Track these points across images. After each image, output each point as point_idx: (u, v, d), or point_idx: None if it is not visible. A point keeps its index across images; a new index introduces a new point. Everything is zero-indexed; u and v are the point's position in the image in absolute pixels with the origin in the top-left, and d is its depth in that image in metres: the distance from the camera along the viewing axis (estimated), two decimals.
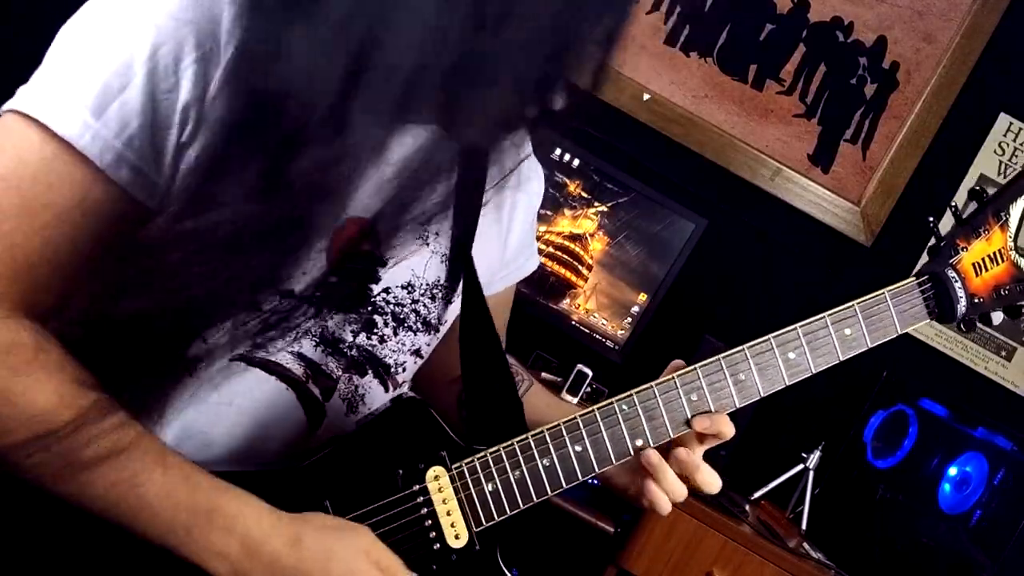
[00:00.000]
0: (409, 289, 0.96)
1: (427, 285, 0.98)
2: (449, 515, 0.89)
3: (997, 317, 0.95)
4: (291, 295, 0.89)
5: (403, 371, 0.99)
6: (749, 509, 1.99)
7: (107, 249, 0.79)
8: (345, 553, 0.82)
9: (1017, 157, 2.36)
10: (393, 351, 0.97)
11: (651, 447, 0.93)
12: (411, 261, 0.96)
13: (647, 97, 2.34)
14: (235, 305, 0.83)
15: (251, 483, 0.83)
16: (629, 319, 2.23)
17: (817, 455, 2.09)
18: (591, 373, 2.06)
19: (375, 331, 0.95)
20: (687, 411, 0.92)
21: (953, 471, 2.05)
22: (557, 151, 2.18)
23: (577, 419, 0.92)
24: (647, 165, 2.31)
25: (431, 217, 0.97)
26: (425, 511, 0.89)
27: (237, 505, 0.80)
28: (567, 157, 2.19)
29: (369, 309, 0.94)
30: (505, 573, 0.92)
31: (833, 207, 2.36)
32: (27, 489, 0.76)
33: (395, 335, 0.96)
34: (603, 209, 2.21)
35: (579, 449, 0.92)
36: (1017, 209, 0.92)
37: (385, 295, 0.95)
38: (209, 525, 0.78)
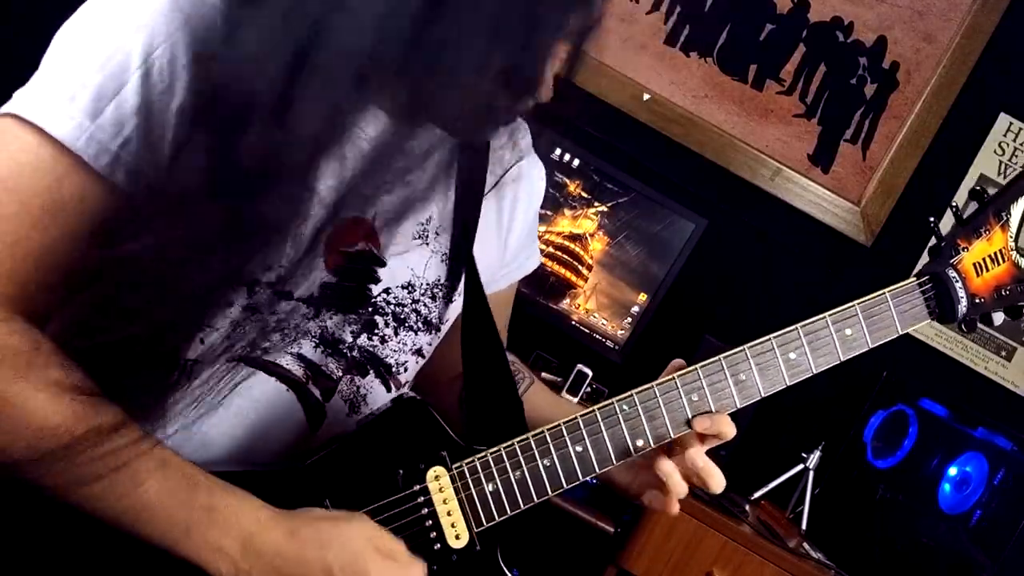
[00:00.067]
0: (409, 289, 0.96)
1: (427, 284, 0.98)
2: (449, 515, 0.89)
3: (998, 317, 0.95)
4: (289, 296, 0.89)
5: (405, 371, 0.99)
6: (749, 509, 1.99)
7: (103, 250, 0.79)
8: (344, 540, 0.81)
9: (1017, 157, 2.36)
10: (394, 351, 0.97)
11: (652, 447, 0.93)
12: (411, 261, 0.96)
13: (647, 97, 2.34)
14: (210, 304, 0.82)
15: (252, 483, 0.83)
16: (629, 319, 2.23)
17: (817, 455, 2.09)
18: (591, 373, 2.06)
19: (376, 331, 0.95)
20: (688, 411, 0.92)
21: (953, 471, 2.05)
22: (557, 151, 2.18)
23: (578, 419, 0.91)
24: (647, 165, 2.31)
25: (430, 216, 0.97)
26: (426, 511, 0.89)
27: (234, 502, 0.80)
28: (567, 157, 2.19)
29: (369, 310, 0.94)
30: (506, 573, 0.92)
31: (833, 207, 2.36)
32: (26, 490, 0.75)
33: (396, 335, 0.96)
34: (603, 209, 2.21)
35: (580, 449, 0.91)
36: (1018, 209, 0.92)
37: (385, 295, 0.95)
38: (208, 524, 0.78)
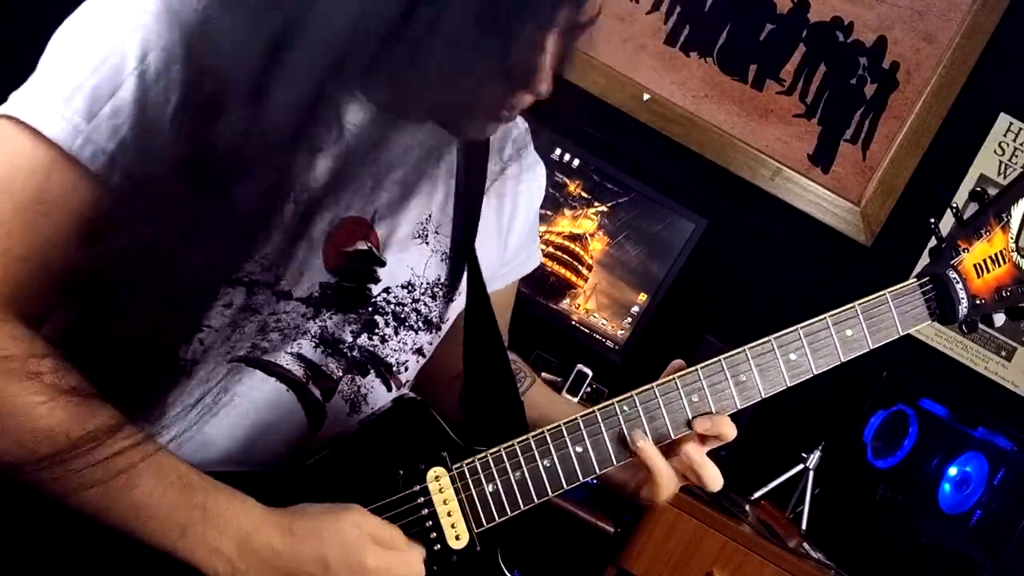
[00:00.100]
0: (409, 288, 0.96)
1: (427, 284, 0.97)
2: (450, 516, 0.89)
3: (999, 319, 0.95)
4: (288, 296, 0.89)
5: (406, 370, 0.99)
6: (749, 509, 1.99)
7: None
8: (338, 532, 0.81)
9: (1017, 157, 2.36)
10: (395, 350, 0.97)
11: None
12: (411, 260, 0.96)
13: (647, 97, 2.34)
14: (206, 304, 0.82)
15: (251, 483, 0.83)
16: (629, 319, 2.23)
17: (817, 455, 2.09)
18: (591, 373, 2.06)
19: (376, 331, 0.95)
20: (688, 412, 0.92)
21: (953, 471, 2.05)
22: (557, 151, 2.18)
23: (578, 420, 0.91)
24: (647, 165, 2.31)
25: (429, 215, 0.97)
26: (426, 512, 0.89)
27: (229, 503, 0.80)
28: (567, 157, 2.19)
29: (369, 309, 0.94)
30: (506, 574, 0.91)
31: (833, 207, 2.36)
32: (24, 491, 0.75)
33: (396, 335, 0.96)
34: (603, 209, 2.20)
35: (580, 450, 0.91)
36: (1018, 210, 0.92)
37: (385, 295, 0.95)
38: (204, 525, 0.78)
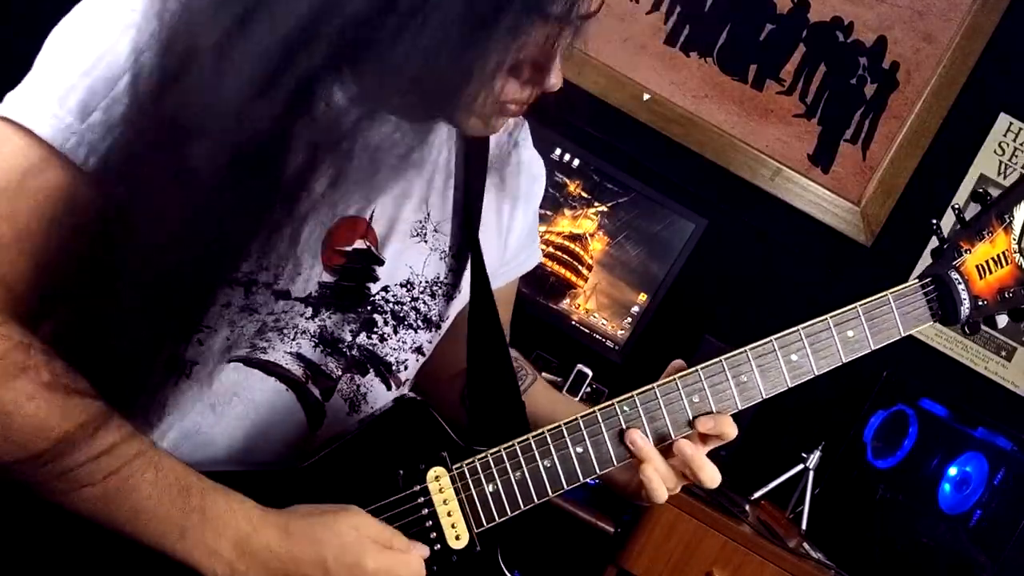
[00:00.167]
0: (408, 287, 0.96)
1: (427, 282, 0.97)
2: (450, 516, 0.89)
3: (1002, 320, 0.95)
4: (287, 296, 0.89)
5: (405, 369, 0.99)
6: (749, 509, 1.99)
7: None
8: (337, 533, 0.81)
9: (1017, 157, 2.36)
10: (394, 349, 0.97)
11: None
12: (409, 258, 0.96)
13: (647, 97, 2.33)
14: (205, 303, 0.82)
15: (251, 483, 0.83)
16: (629, 319, 2.23)
17: (817, 455, 2.09)
18: (591, 373, 2.06)
19: (375, 330, 0.95)
20: (689, 412, 0.92)
21: (953, 471, 2.05)
22: (557, 151, 2.18)
23: (578, 420, 0.91)
24: (647, 165, 2.31)
25: (428, 213, 0.97)
26: (426, 512, 0.89)
27: (227, 504, 0.79)
28: (567, 157, 2.19)
29: (368, 308, 0.94)
30: (506, 574, 0.91)
31: (833, 207, 2.36)
32: (22, 492, 0.75)
33: (395, 333, 0.96)
34: (603, 209, 2.20)
35: (580, 450, 0.91)
36: (1021, 212, 0.92)
37: (384, 294, 0.95)
38: (202, 526, 0.78)
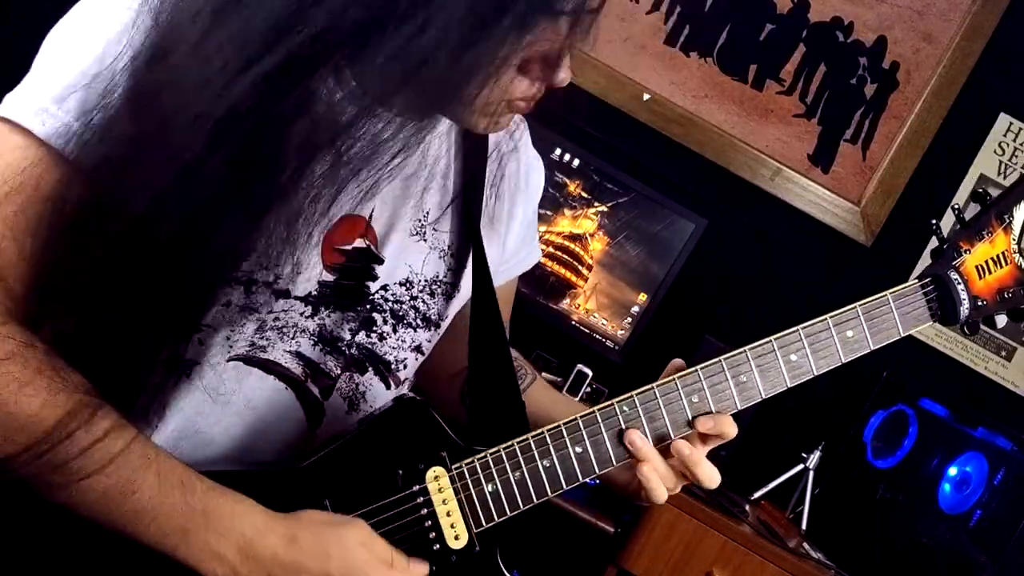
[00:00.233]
0: (408, 286, 0.96)
1: (426, 281, 0.97)
2: (449, 516, 0.89)
3: (1001, 320, 0.95)
4: (287, 295, 0.89)
5: (404, 368, 0.99)
6: (749, 509, 1.99)
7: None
8: (342, 547, 0.81)
9: (1017, 157, 2.36)
10: (393, 348, 0.97)
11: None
12: (409, 257, 0.96)
13: (647, 97, 2.33)
14: (204, 303, 0.82)
15: (250, 483, 0.82)
16: (629, 319, 2.23)
17: (817, 455, 2.09)
18: (591, 373, 2.06)
19: (374, 329, 0.95)
20: (688, 412, 0.92)
21: (953, 471, 2.05)
22: (557, 151, 2.18)
23: (578, 420, 0.91)
24: (647, 165, 2.30)
25: (427, 212, 0.97)
26: (425, 512, 0.88)
27: (231, 506, 0.79)
28: (567, 157, 2.19)
29: (367, 307, 0.94)
30: (505, 574, 0.91)
31: (833, 207, 2.36)
32: (24, 493, 0.75)
33: (394, 332, 0.96)
34: (603, 209, 2.20)
35: (579, 450, 0.91)
36: (1021, 212, 0.92)
37: (383, 292, 0.95)
38: (205, 529, 0.78)
